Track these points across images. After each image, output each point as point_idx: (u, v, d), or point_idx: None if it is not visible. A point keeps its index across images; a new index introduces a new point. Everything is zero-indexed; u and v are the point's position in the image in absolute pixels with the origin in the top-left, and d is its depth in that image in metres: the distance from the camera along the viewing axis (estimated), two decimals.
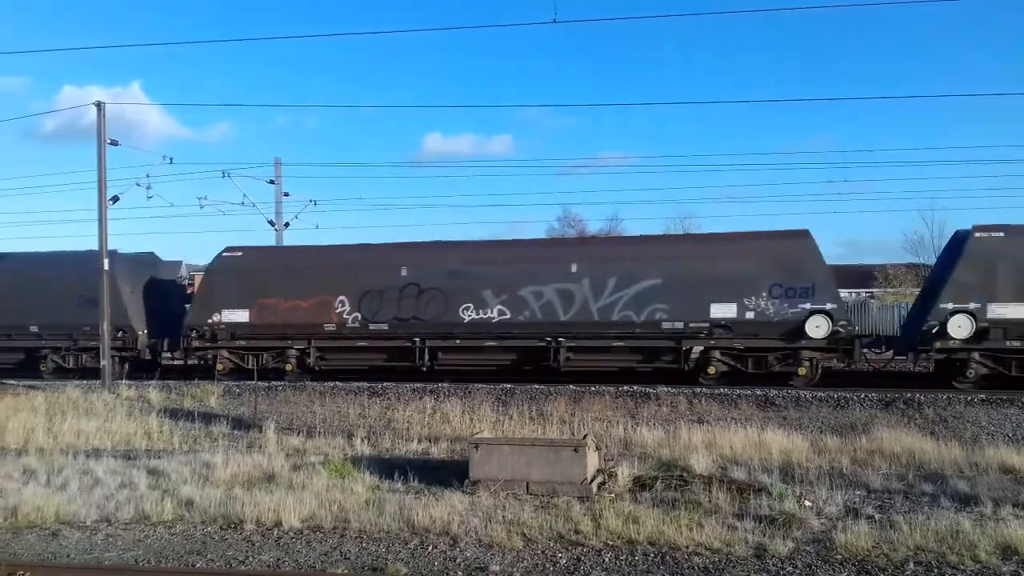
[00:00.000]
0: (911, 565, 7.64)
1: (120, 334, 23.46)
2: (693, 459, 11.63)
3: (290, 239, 31.92)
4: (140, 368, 23.83)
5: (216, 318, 22.34)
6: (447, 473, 11.28)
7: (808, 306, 19.19)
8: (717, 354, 19.65)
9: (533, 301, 20.59)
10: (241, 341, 22.31)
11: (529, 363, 20.99)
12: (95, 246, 22.42)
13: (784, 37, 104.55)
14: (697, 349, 19.76)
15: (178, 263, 29.68)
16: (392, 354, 21.69)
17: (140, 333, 23.80)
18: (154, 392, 20.15)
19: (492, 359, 21.27)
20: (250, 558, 8.29)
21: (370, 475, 11.33)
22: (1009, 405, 15.92)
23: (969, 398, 16.46)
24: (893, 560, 7.77)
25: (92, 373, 23.17)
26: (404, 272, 21.54)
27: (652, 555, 8.07)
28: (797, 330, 19.14)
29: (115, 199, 23.06)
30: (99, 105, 21.99)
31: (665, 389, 18.59)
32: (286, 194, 32.47)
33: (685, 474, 11.04)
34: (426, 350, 21.11)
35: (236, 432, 15.99)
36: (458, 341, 21.00)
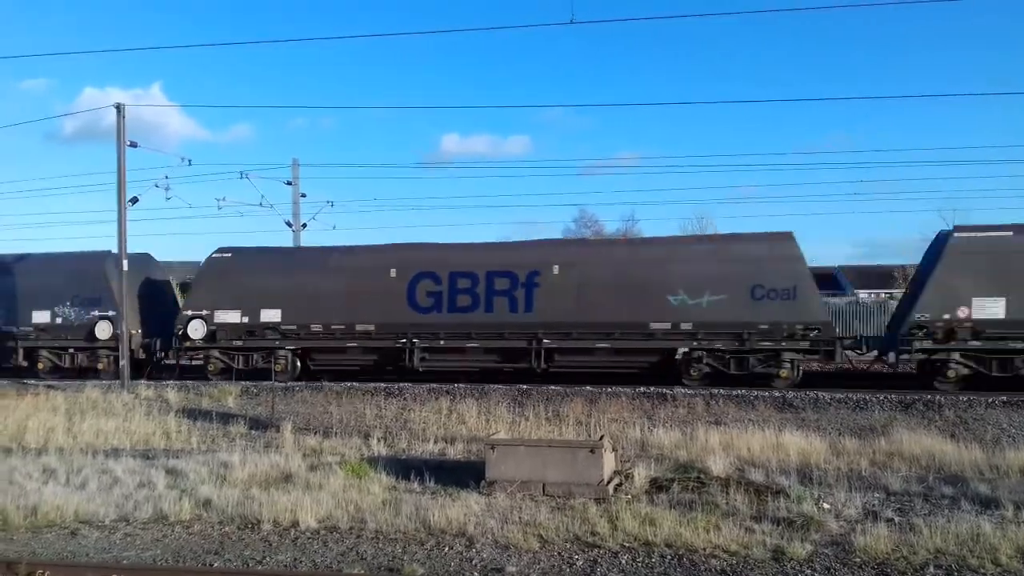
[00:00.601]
0: (931, 568, 7.57)
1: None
2: (710, 461, 11.57)
3: (307, 240, 32.02)
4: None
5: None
6: (463, 474, 11.27)
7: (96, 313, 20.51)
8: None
9: None
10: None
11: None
12: (112, 247, 22.68)
13: (801, 36, 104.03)
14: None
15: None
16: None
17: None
18: (172, 392, 20.28)
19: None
20: (267, 558, 8.32)
21: (386, 475, 11.35)
22: None
23: (990, 400, 16.29)
24: (913, 563, 7.70)
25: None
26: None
27: (669, 557, 8.03)
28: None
29: (134, 200, 23.20)
30: (119, 107, 22.16)
31: (682, 391, 18.53)
32: (303, 195, 32.59)
33: (702, 476, 10.98)
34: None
35: (254, 432, 16.06)
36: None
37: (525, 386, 19.64)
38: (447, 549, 8.44)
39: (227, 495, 10.33)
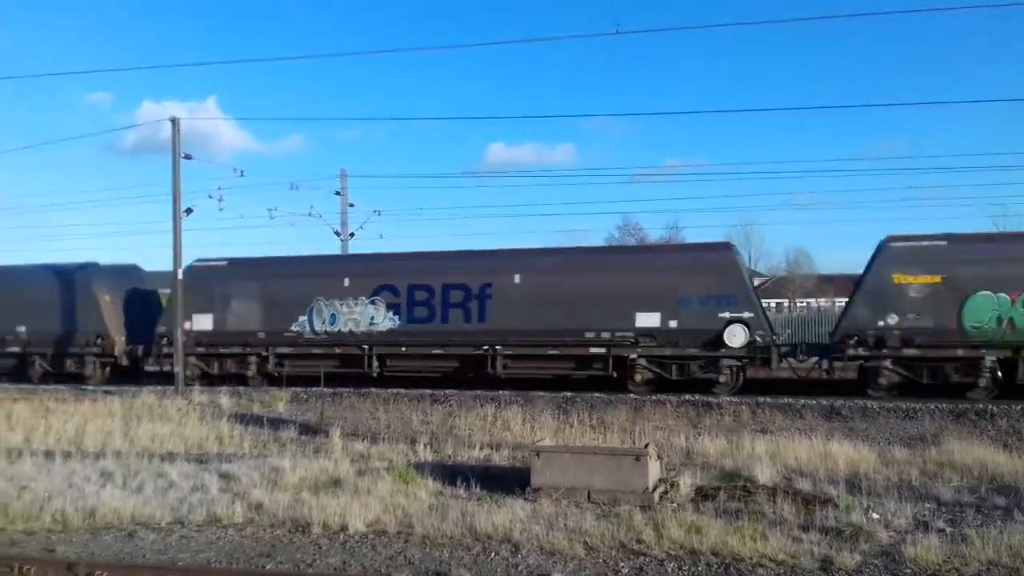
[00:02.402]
0: None
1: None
2: (757, 469, 11.48)
3: (355, 248, 32.53)
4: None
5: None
6: (508, 480, 11.35)
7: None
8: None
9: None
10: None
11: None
12: (168, 256, 23.37)
13: (851, 41, 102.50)
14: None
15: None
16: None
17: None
18: (224, 398, 20.71)
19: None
20: (317, 561, 8.47)
21: (433, 481, 11.47)
22: None
23: None
24: (964, 575, 7.60)
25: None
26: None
27: (715, 566, 8.02)
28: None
29: (189, 211, 23.81)
30: (174, 121, 22.74)
31: (728, 399, 18.43)
32: (351, 205, 33.09)
33: (749, 484, 10.91)
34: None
35: (303, 437, 16.33)
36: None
37: (570, 393, 19.71)
38: (493, 555, 8.52)
39: (278, 499, 10.53)
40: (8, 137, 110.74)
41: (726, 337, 19.70)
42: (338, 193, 32.89)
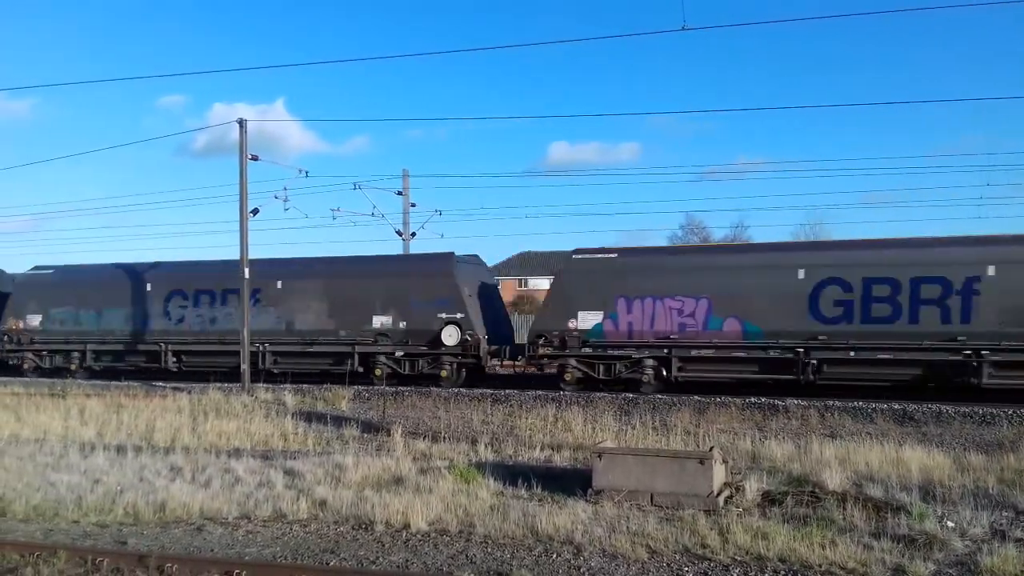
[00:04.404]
0: None
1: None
2: (825, 474, 11.19)
3: (416, 248, 32.77)
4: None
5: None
6: (569, 481, 11.28)
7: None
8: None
9: None
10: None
11: None
12: (232, 255, 23.98)
13: (928, 34, 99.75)
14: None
15: None
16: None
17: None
18: (289, 395, 21.05)
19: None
20: (380, 558, 8.52)
21: (494, 481, 11.45)
22: None
23: None
24: None
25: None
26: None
27: (783, 572, 7.83)
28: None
29: (255, 211, 24.29)
30: (241, 123, 23.20)
31: (795, 401, 18.06)
32: (413, 205, 33.32)
33: (817, 490, 10.65)
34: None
35: (365, 435, 16.49)
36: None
37: (631, 395, 19.54)
38: (555, 556, 8.46)
39: (342, 496, 10.64)
40: (87, 140, 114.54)
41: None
42: (400, 193, 33.16)
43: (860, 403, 17.52)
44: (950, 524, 9.11)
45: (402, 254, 29.86)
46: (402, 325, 23.53)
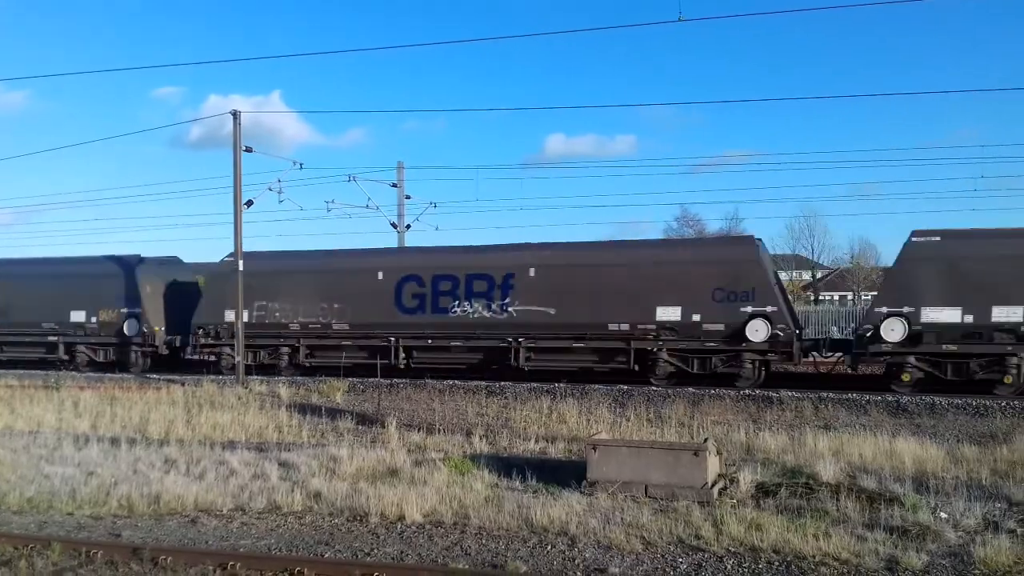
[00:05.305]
0: None
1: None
2: (819, 466, 11.23)
3: (411, 240, 32.70)
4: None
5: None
6: (564, 473, 11.29)
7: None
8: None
9: None
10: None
11: None
12: (219, 249, 23.85)
13: (923, 26, 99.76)
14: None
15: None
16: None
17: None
18: (283, 388, 21.02)
19: None
20: (375, 550, 8.53)
21: (489, 473, 11.47)
22: None
23: None
24: None
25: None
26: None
27: (776, 563, 7.85)
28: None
29: (249, 203, 24.19)
30: (235, 114, 23.10)
31: (789, 393, 18.09)
32: (408, 197, 33.23)
33: (811, 481, 10.68)
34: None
35: (360, 427, 16.48)
36: None
37: (626, 386, 19.57)
38: (549, 547, 8.48)
39: (336, 488, 10.65)
40: (81, 132, 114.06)
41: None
42: (394, 185, 33.07)
43: (854, 395, 17.56)
44: (943, 515, 9.15)
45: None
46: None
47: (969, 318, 17.87)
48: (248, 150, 23.63)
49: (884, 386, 18.59)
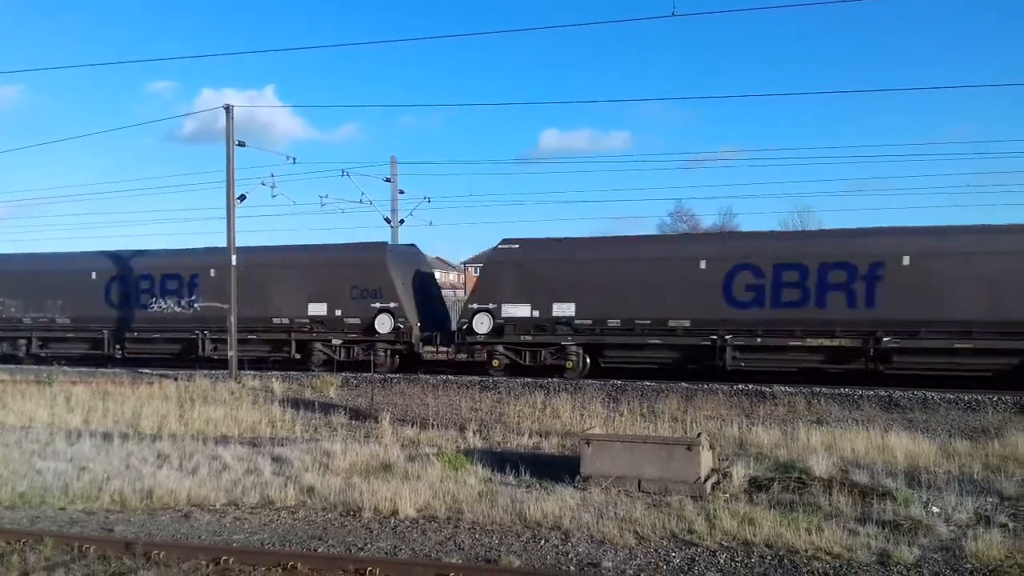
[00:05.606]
0: None
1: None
2: (812, 461, 11.26)
3: (405, 236, 32.70)
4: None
5: None
6: (558, 468, 11.30)
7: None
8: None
9: None
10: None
11: None
12: (208, 243, 23.76)
13: (917, 22, 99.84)
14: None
15: None
16: None
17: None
18: (277, 382, 20.99)
19: None
20: (368, 544, 8.52)
21: (482, 467, 11.47)
22: None
23: None
24: None
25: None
26: None
27: (769, 558, 7.88)
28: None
29: (242, 198, 24.13)
30: (227, 108, 23.01)
31: (782, 388, 18.14)
32: (401, 192, 33.17)
33: (804, 476, 10.71)
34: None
35: (354, 422, 16.47)
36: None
37: (619, 382, 19.59)
38: (543, 542, 8.49)
39: (330, 483, 10.64)
40: (74, 126, 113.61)
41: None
42: (388, 180, 33.02)
43: (847, 390, 17.62)
44: (935, 509, 9.19)
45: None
46: None
47: (536, 313, 21.64)
48: (241, 144, 23.56)
49: (878, 381, 18.65)
